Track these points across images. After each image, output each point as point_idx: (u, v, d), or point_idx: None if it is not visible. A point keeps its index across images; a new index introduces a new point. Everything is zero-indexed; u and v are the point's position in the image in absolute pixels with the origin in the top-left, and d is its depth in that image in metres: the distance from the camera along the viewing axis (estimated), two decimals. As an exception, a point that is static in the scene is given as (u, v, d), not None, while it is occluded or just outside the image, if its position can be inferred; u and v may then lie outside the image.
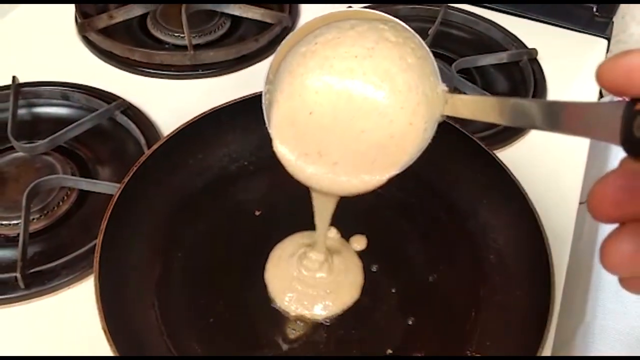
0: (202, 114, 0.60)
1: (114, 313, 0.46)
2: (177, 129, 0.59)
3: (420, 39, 0.40)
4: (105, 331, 0.44)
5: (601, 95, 0.97)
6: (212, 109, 0.60)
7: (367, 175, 0.43)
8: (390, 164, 0.43)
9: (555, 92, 0.79)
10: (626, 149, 0.23)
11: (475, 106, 0.37)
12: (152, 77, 0.79)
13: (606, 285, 0.66)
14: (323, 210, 0.49)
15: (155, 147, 0.58)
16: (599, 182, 0.26)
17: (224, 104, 0.61)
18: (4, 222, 0.60)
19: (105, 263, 0.49)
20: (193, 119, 0.60)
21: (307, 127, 0.43)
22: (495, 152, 0.59)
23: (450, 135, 0.59)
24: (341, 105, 0.42)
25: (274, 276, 0.56)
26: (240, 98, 0.61)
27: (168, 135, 0.59)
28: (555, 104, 0.28)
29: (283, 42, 0.43)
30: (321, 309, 0.53)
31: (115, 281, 0.50)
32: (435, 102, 0.41)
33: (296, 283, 0.55)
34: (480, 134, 0.68)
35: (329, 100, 0.42)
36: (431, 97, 0.41)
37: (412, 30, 0.40)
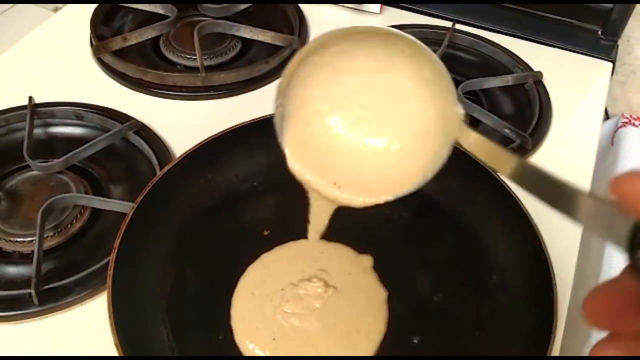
0: (212, 136, 0.62)
1: (126, 329, 0.47)
2: (188, 151, 0.60)
3: (435, 55, 0.39)
4: (117, 347, 0.45)
5: (607, 117, 0.97)
6: (223, 131, 0.62)
7: (376, 194, 0.44)
8: (401, 184, 0.43)
9: (561, 114, 0.80)
10: (632, 266, 0.23)
11: (489, 151, 0.36)
12: (164, 98, 0.80)
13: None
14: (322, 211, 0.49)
15: (166, 168, 0.59)
16: (593, 292, 0.26)
17: (235, 126, 0.63)
18: (19, 239, 0.61)
19: (118, 280, 0.50)
20: (203, 141, 0.61)
21: (319, 148, 0.43)
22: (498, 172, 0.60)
23: (452, 155, 0.60)
24: (350, 126, 0.42)
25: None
26: (250, 121, 0.62)
27: (179, 157, 0.60)
28: (571, 189, 0.27)
29: (296, 54, 0.43)
30: None
31: (127, 298, 0.51)
32: (450, 121, 0.39)
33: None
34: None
35: (339, 121, 0.42)
36: (447, 116, 0.39)
37: (425, 46, 0.39)
